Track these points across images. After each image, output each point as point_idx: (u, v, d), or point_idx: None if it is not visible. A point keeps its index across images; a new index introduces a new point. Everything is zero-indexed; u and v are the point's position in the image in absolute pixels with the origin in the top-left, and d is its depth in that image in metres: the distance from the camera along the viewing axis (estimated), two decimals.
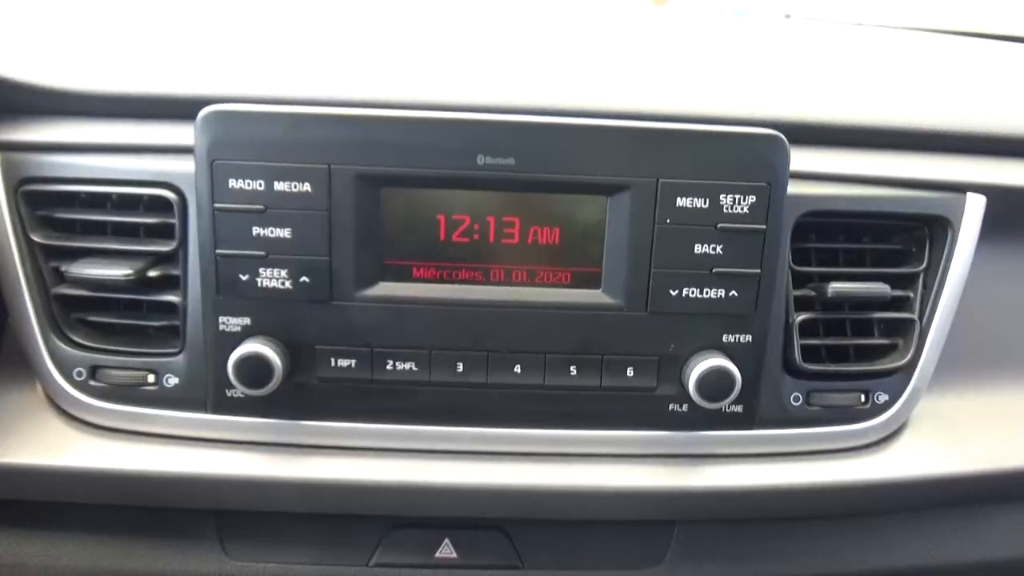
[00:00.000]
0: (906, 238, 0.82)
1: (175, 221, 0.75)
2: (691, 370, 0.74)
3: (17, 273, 0.76)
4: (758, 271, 0.74)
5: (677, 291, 0.74)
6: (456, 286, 0.74)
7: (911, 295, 0.81)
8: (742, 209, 0.72)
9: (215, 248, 0.72)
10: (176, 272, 0.76)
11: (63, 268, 0.75)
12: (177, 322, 0.76)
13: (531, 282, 0.74)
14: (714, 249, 0.73)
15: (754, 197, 0.72)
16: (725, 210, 0.72)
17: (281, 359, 0.72)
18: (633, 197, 0.71)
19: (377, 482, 0.76)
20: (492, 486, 0.77)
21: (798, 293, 0.79)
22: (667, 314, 0.74)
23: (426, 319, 0.74)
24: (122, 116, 0.76)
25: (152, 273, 0.75)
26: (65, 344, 0.76)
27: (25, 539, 0.80)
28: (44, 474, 0.75)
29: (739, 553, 0.84)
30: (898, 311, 0.81)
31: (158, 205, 0.76)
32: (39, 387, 0.78)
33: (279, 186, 0.70)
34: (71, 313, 0.77)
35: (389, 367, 0.74)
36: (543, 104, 0.75)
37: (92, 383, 0.76)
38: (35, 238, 0.75)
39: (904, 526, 0.87)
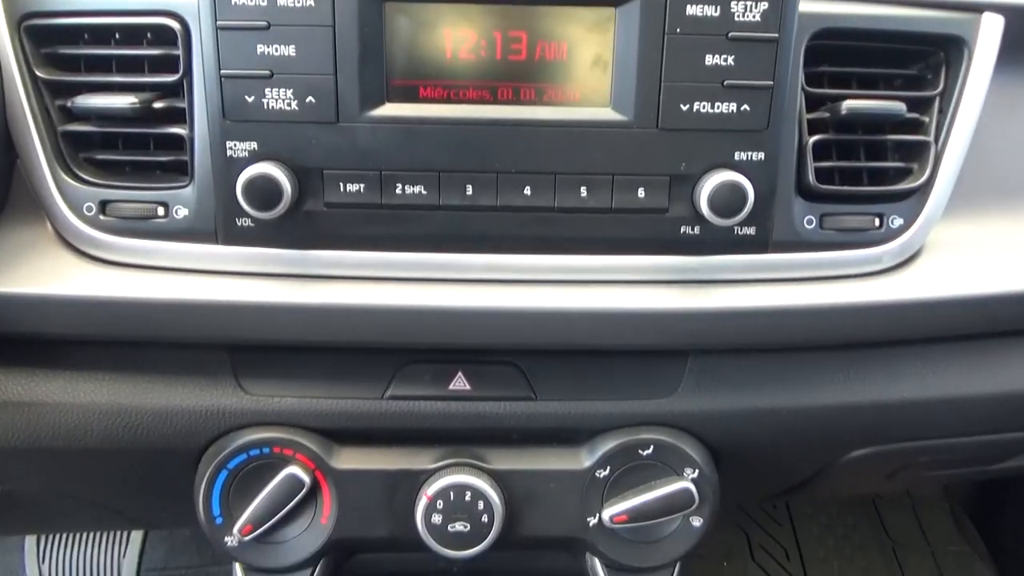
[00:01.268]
0: (922, 65, 0.81)
1: (179, 52, 0.74)
2: (703, 188, 0.73)
3: (24, 111, 0.75)
4: (771, 83, 0.72)
5: (688, 105, 0.73)
6: (464, 106, 0.73)
7: (926, 119, 0.80)
8: (754, 17, 0.71)
9: (219, 69, 0.71)
10: (181, 104, 0.75)
11: (69, 103, 0.75)
12: (184, 156, 0.76)
13: (539, 100, 0.73)
14: (726, 60, 0.72)
15: (766, 4, 0.70)
16: (736, 18, 0.70)
17: (289, 182, 0.72)
18: (642, 5, 0.70)
19: (389, 307, 0.76)
20: (504, 310, 0.77)
21: (812, 116, 0.78)
22: (678, 130, 0.73)
23: (434, 140, 0.73)
24: None
25: (158, 105, 0.75)
26: (74, 181, 0.76)
27: (43, 378, 0.81)
28: (56, 304, 0.75)
29: (752, 384, 0.84)
30: (913, 134, 0.79)
31: (162, 37, 0.75)
32: (49, 225, 0.79)
33: (282, 1, 0.69)
34: (79, 152, 0.77)
35: (398, 191, 0.74)
36: None
37: (102, 218, 0.77)
38: (40, 74, 0.75)
39: (917, 359, 0.86)
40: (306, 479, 0.82)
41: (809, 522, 1.94)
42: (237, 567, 0.89)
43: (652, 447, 0.83)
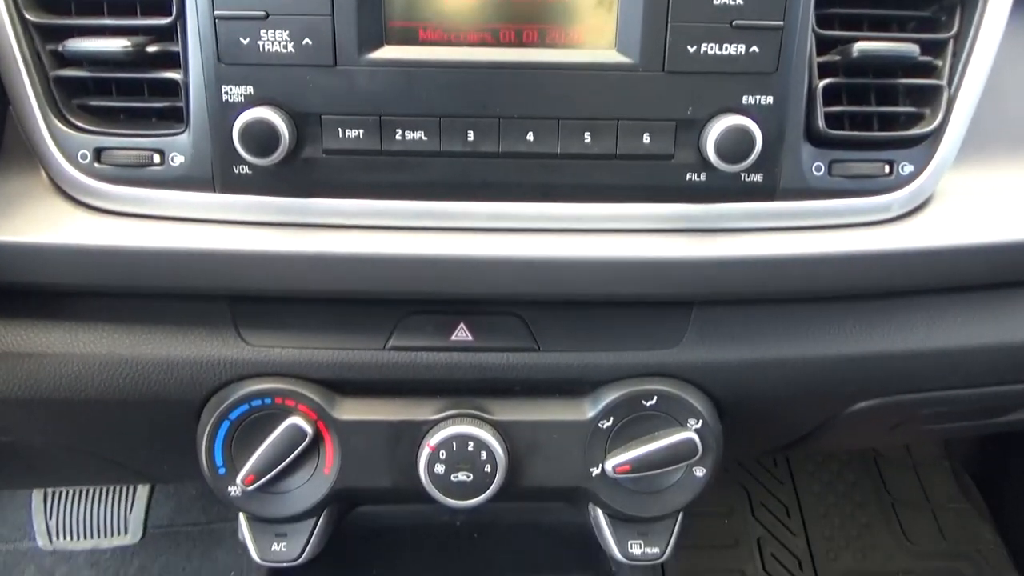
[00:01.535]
0: (936, 7, 0.78)
1: None
2: (709, 133, 0.72)
3: (15, 55, 0.74)
4: (781, 23, 0.70)
5: (695, 47, 0.71)
6: (464, 48, 0.71)
7: (940, 63, 0.78)
8: None
9: (213, 10, 0.69)
10: (175, 48, 0.73)
11: (60, 47, 0.73)
12: (179, 102, 0.74)
13: (542, 42, 0.71)
14: (734, 0, 0.70)
15: None
16: None
17: (287, 127, 0.70)
18: None
19: (389, 256, 0.75)
20: (506, 259, 0.76)
21: (822, 59, 0.76)
22: (685, 73, 0.71)
23: (434, 84, 0.71)
24: None
25: (151, 49, 0.73)
26: (67, 128, 0.75)
27: (42, 329, 0.81)
28: (52, 253, 0.74)
29: (757, 335, 0.83)
30: (926, 78, 0.77)
31: None
32: (44, 174, 0.77)
33: None
34: (72, 98, 0.76)
35: (398, 137, 0.72)
36: None
37: (97, 166, 0.75)
38: (30, 17, 0.73)
39: (923, 309, 0.85)
40: (308, 430, 0.82)
41: (810, 479, 1.96)
42: (242, 517, 0.90)
43: (656, 398, 0.83)
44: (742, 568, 1.80)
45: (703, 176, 0.75)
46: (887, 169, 0.78)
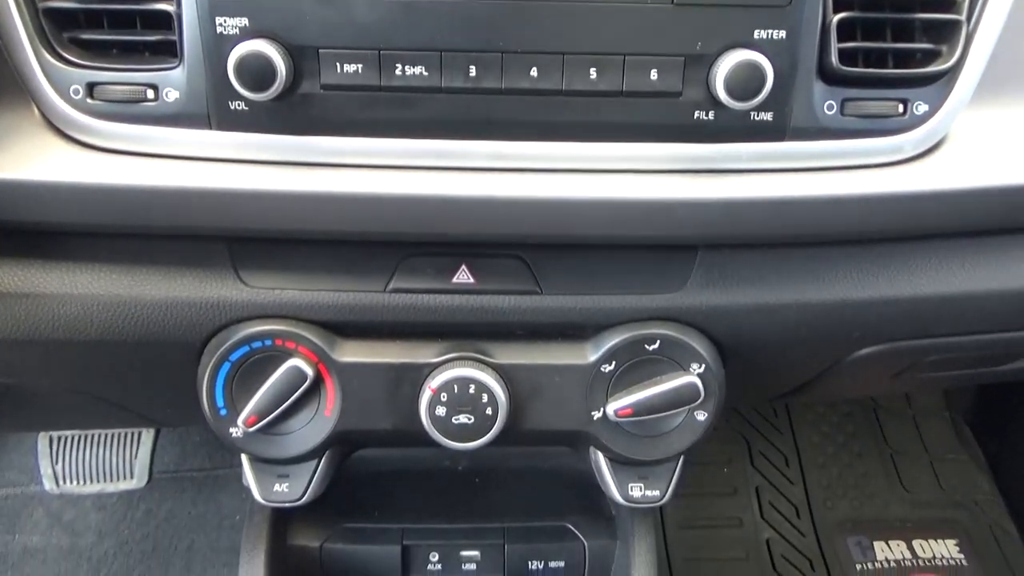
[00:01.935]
0: None
1: None
2: (719, 69, 0.70)
3: None
4: None
5: None
6: None
7: None
8: None
9: None
10: None
11: None
12: (173, 36, 0.72)
13: None
14: None
15: None
16: None
17: (283, 61, 0.68)
18: None
19: (389, 196, 0.74)
20: (509, 200, 0.74)
21: None
22: (694, 5, 0.69)
23: (436, 17, 0.69)
24: None
25: None
26: (59, 62, 0.73)
27: (40, 269, 0.80)
28: (45, 190, 0.73)
29: (762, 279, 0.82)
30: (944, 12, 0.75)
31: None
32: (36, 110, 0.75)
33: None
34: (63, 31, 0.73)
35: (397, 72, 0.70)
36: None
37: (90, 101, 0.73)
38: None
39: (932, 254, 0.84)
40: (309, 372, 0.81)
41: (810, 430, 1.97)
42: (244, 458, 0.90)
43: (659, 342, 0.82)
44: (740, 515, 1.82)
45: (711, 114, 0.73)
46: (901, 108, 0.76)
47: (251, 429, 0.83)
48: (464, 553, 1.08)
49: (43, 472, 1.78)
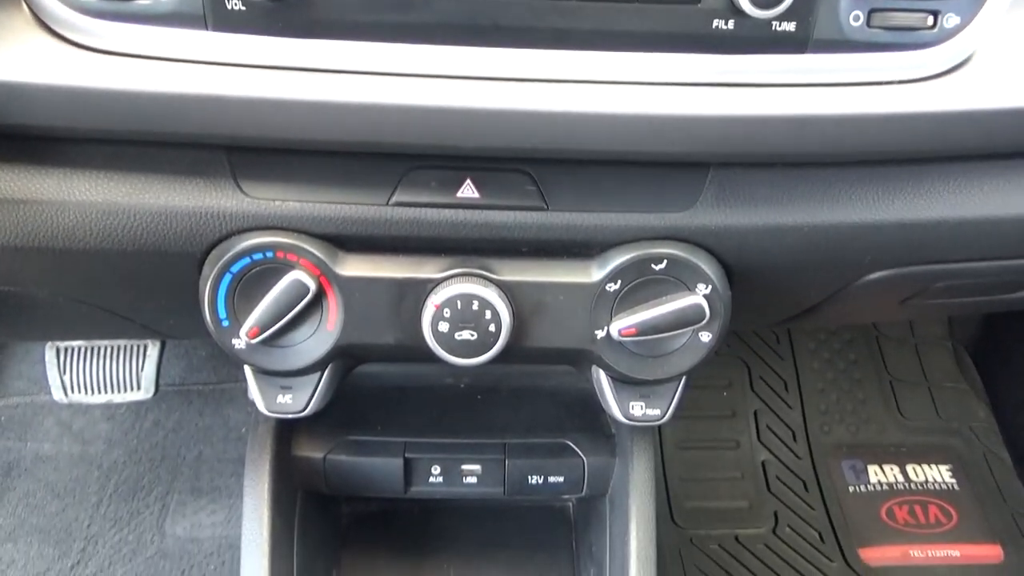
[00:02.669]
0: None
1: None
2: None
3: None
4: None
5: None
6: None
7: None
8: None
9: None
10: None
11: None
12: None
13: None
14: None
15: None
16: None
17: None
18: None
19: (393, 104, 0.71)
20: (516, 111, 0.71)
21: None
22: None
23: None
24: None
25: None
26: None
27: (35, 175, 0.78)
28: (35, 92, 0.70)
29: (775, 199, 0.80)
30: None
31: None
32: (25, 7, 0.72)
33: None
34: None
35: None
36: None
37: None
38: None
39: (951, 177, 0.81)
40: (311, 285, 0.81)
41: (811, 357, 1.98)
42: (247, 370, 0.91)
43: (665, 262, 0.81)
44: (737, 438, 1.85)
45: (731, 23, 0.69)
46: (930, 21, 0.72)
47: (253, 341, 0.83)
48: (465, 467, 1.10)
49: (51, 382, 1.81)
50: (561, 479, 1.10)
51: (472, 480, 1.10)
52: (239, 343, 0.84)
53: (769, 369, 1.96)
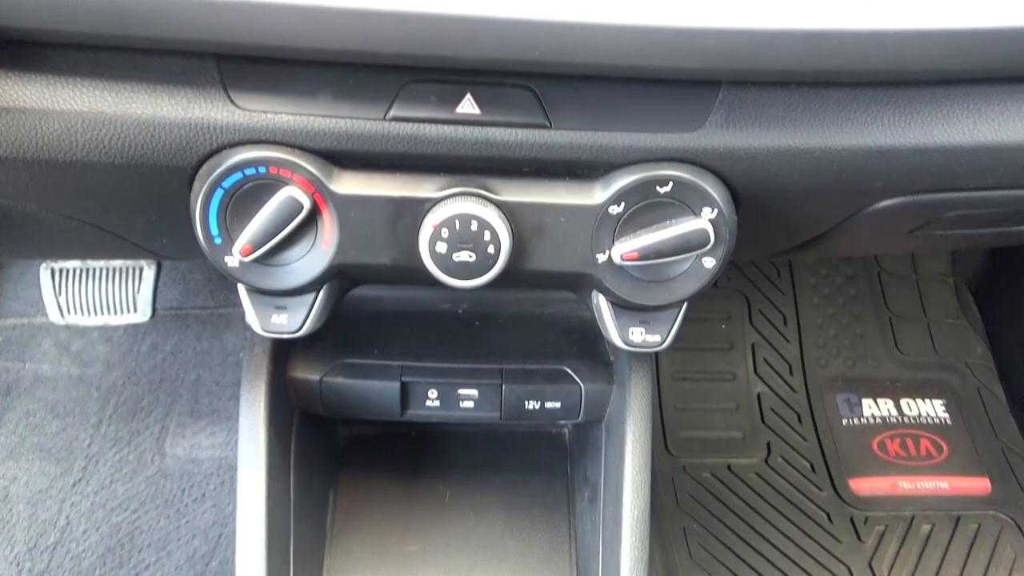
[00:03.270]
0: None
1: None
2: None
3: None
4: None
5: None
6: None
7: None
8: None
9: None
10: None
11: None
12: None
13: None
14: None
15: None
16: None
17: None
18: None
19: (390, 9, 0.67)
20: (519, 20, 0.67)
21: None
22: None
23: None
24: None
25: None
26: None
27: (17, 82, 0.75)
28: None
29: (787, 120, 0.77)
30: None
31: None
32: None
33: None
34: None
35: None
36: None
37: None
38: None
39: (970, 100, 0.78)
40: (305, 202, 0.78)
41: (811, 291, 1.97)
42: (241, 289, 0.89)
43: (671, 184, 0.78)
44: (734, 370, 1.86)
45: None
46: None
47: (247, 259, 0.81)
48: (462, 391, 1.10)
49: (47, 303, 1.80)
50: (558, 405, 1.11)
51: (469, 405, 1.11)
52: (232, 261, 0.82)
53: (769, 303, 1.95)
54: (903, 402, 1.82)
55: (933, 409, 1.81)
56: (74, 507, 1.61)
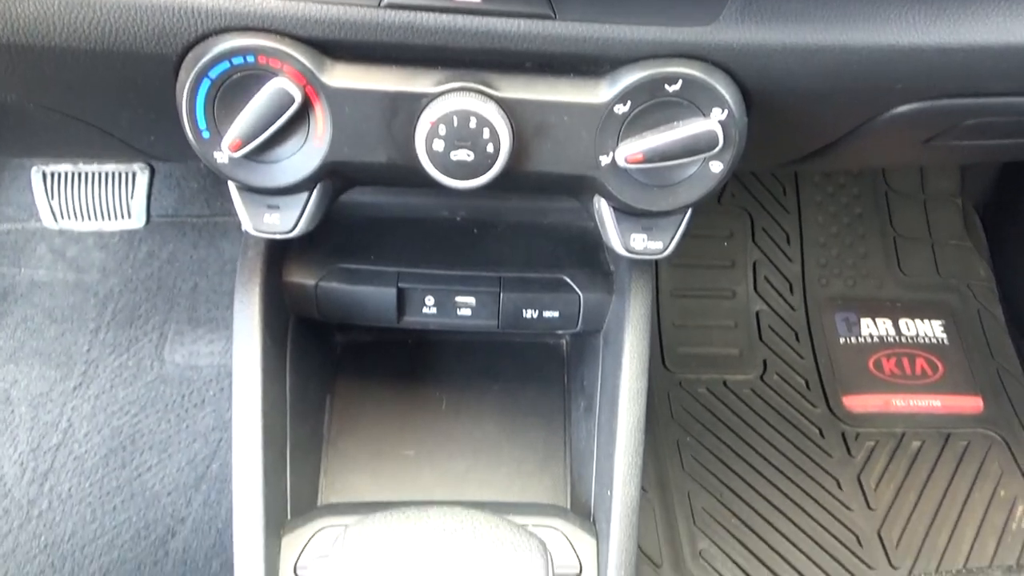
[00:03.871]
0: None
1: None
2: None
3: None
4: None
5: None
6: None
7: None
8: None
9: None
10: None
11: None
12: None
13: None
14: None
15: None
16: None
17: None
18: None
19: None
20: None
21: None
22: None
23: None
24: None
25: None
26: None
27: None
28: None
29: (806, 15, 0.73)
30: None
31: None
32: None
33: None
34: None
35: None
36: None
37: None
38: None
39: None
40: (296, 95, 0.75)
41: (816, 210, 1.94)
42: (232, 187, 0.86)
43: (680, 82, 0.74)
44: (734, 288, 1.85)
45: None
46: None
47: (236, 154, 0.78)
48: (459, 299, 1.09)
49: (39, 208, 1.78)
50: (556, 314, 1.10)
51: (466, 312, 1.09)
52: (221, 156, 0.79)
53: (772, 221, 1.92)
54: (902, 322, 1.82)
55: (931, 329, 1.81)
56: (75, 410, 1.62)
